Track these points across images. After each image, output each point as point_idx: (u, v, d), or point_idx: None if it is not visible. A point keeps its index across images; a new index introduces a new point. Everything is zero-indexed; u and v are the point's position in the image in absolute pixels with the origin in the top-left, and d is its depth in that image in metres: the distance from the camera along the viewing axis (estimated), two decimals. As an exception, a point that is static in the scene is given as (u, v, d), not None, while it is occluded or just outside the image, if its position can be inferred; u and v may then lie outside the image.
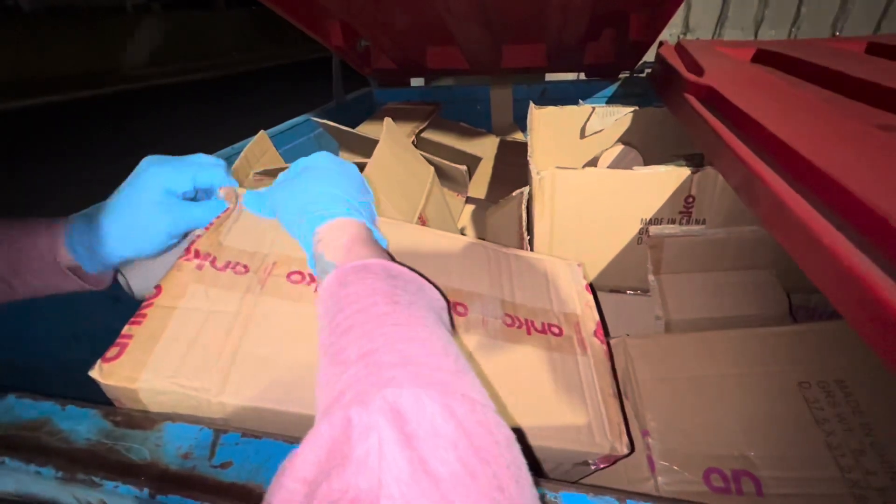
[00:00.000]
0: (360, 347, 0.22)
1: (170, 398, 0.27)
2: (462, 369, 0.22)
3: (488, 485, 0.17)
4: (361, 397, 0.19)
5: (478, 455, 0.17)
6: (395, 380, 0.20)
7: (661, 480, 0.35)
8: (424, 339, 0.23)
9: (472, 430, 0.18)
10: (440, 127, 0.97)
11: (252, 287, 0.33)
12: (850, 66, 0.52)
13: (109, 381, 0.26)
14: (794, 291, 0.54)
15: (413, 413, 0.18)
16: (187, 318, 0.30)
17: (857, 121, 0.39)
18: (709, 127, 0.46)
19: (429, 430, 0.18)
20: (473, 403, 0.19)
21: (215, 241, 0.36)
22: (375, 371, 0.20)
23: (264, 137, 0.71)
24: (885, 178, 0.29)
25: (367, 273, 0.27)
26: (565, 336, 0.37)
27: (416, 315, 0.25)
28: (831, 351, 0.37)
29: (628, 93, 1.06)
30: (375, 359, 0.21)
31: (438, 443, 0.17)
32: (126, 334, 0.28)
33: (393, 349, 0.22)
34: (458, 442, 0.18)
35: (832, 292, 0.28)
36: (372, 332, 0.23)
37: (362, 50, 1.02)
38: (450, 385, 0.20)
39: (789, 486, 0.32)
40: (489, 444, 0.18)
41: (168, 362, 0.27)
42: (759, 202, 0.35)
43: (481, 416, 0.19)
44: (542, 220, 0.53)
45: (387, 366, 0.20)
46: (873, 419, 0.33)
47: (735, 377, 0.39)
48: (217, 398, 0.27)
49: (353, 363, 0.21)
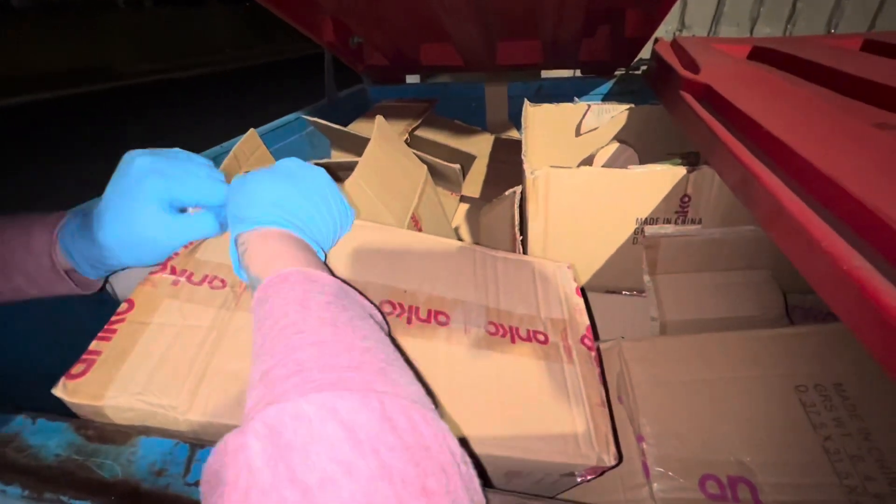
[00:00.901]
0: (262, 366, 0.22)
1: (137, 415, 0.26)
2: (380, 366, 0.22)
3: (372, 477, 0.16)
4: (247, 418, 0.19)
5: (359, 448, 0.17)
6: (285, 394, 0.19)
7: (657, 487, 0.34)
8: (327, 340, 0.22)
9: (357, 425, 0.18)
10: (434, 125, 0.96)
11: (227, 303, 0.32)
12: (847, 64, 0.52)
13: (74, 399, 0.25)
14: (789, 291, 0.53)
15: (290, 424, 0.18)
16: (159, 333, 0.29)
17: (854, 119, 0.38)
18: (705, 125, 0.45)
19: (303, 438, 0.17)
20: (366, 395, 0.19)
21: (190, 257, 0.35)
22: (270, 388, 0.20)
23: (254, 136, 0.69)
24: (884, 179, 0.29)
25: (284, 284, 0.26)
26: (551, 343, 0.36)
27: (326, 317, 0.24)
28: (829, 354, 0.36)
29: (624, 90, 1.06)
30: (272, 375, 0.21)
31: (310, 448, 0.17)
32: (94, 350, 0.27)
33: (288, 360, 0.21)
34: (336, 441, 0.17)
35: (829, 294, 0.27)
36: (274, 347, 0.22)
37: (355, 46, 1.01)
38: (342, 382, 0.20)
39: (786, 492, 0.31)
40: (381, 432, 0.18)
41: (136, 379, 0.26)
42: (756, 202, 0.35)
43: (375, 405, 0.18)
44: (537, 220, 0.52)
45: (280, 380, 0.20)
46: (871, 424, 0.32)
47: (731, 381, 0.38)
48: (184, 415, 0.26)
49: (256, 385, 0.21)
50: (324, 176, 0.37)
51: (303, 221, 0.33)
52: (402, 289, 0.36)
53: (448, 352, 0.33)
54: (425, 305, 0.35)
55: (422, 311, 0.35)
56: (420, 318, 0.34)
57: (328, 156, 0.86)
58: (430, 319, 0.34)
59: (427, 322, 0.34)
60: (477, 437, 0.29)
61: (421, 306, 0.35)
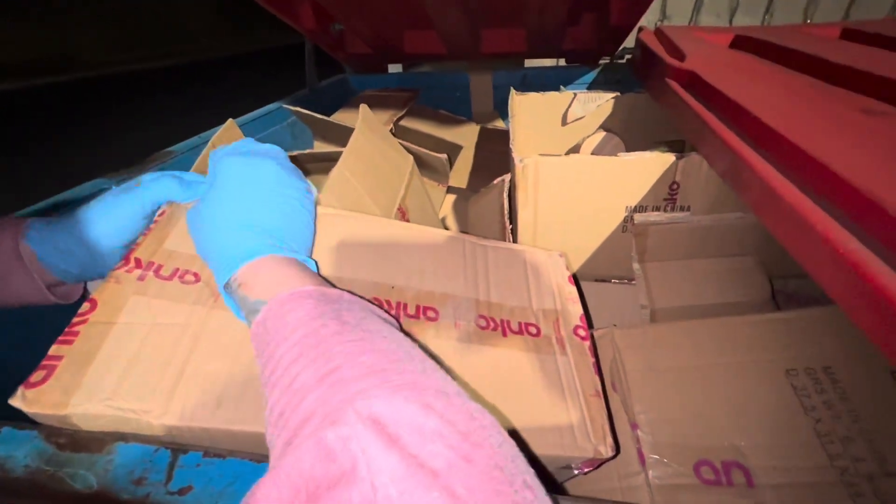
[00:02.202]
0: (318, 370, 0.20)
1: (108, 423, 0.24)
2: (430, 368, 0.21)
3: (486, 465, 0.16)
4: (331, 417, 0.17)
5: (468, 440, 0.17)
6: (364, 392, 0.18)
7: (652, 474, 0.34)
8: (384, 349, 0.22)
9: (455, 419, 0.18)
10: (419, 115, 0.94)
11: (203, 299, 0.30)
12: (828, 52, 0.52)
13: (34, 409, 0.23)
14: (773, 276, 0.54)
15: (391, 417, 0.17)
16: (127, 333, 0.27)
17: (840, 105, 0.38)
18: (693, 112, 0.45)
19: (411, 429, 0.17)
20: (448, 396, 0.19)
21: (158, 247, 0.32)
22: (341, 388, 0.19)
23: (233, 126, 0.66)
24: (876, 163, 0.29)
25: (307, 298, 0.25)
26: (543, 336, 0.36)
27: (370, 329, 0.23)
28: (818, 338, 0.37)
29: (608, 79, 1.05)
30: (338, 376, 0.19)
31: (425, 438, 0.17)
32: (54, 355, 0.25)
33: (355, 364, 0.20)
34: (444, 432, 0.17)
35: (825, 279, 0.27)
36: (328, 351, 0.21)
37: (336, 34, 0.98)
38: (421, 384, 0.19)
39: (779, 475, 0.32)
40: (475, 428, 0.18)
41: (104, 383, 0.25)
42: (748, 189, 0.34)
43: (459, 406, 0.19)
44: (526, 208, 0.52)
45: (352, 380, 0.19)
46: (860, 406, 0.33)
47: (723, 366, 0.38)
48: (159, 420, 0.24)
49: (312, 388, 0.20)
50: (272, 168, 0.33)
51: (280, 233, 0.30)
52: (389, 285, 0.35)
53: (438, 348, 0.32)
54: (413, 301, 0.34)
55: (410, 307, 0.34)
56: (408, 314, 0.33)
57: (311, 146, 0.84)
58: (419, 315, 0.33)
59: (416, 318, 0.33)
60: None
61: (409, 302, 0.34)
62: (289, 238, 0.31)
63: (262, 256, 0.28)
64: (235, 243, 0.29)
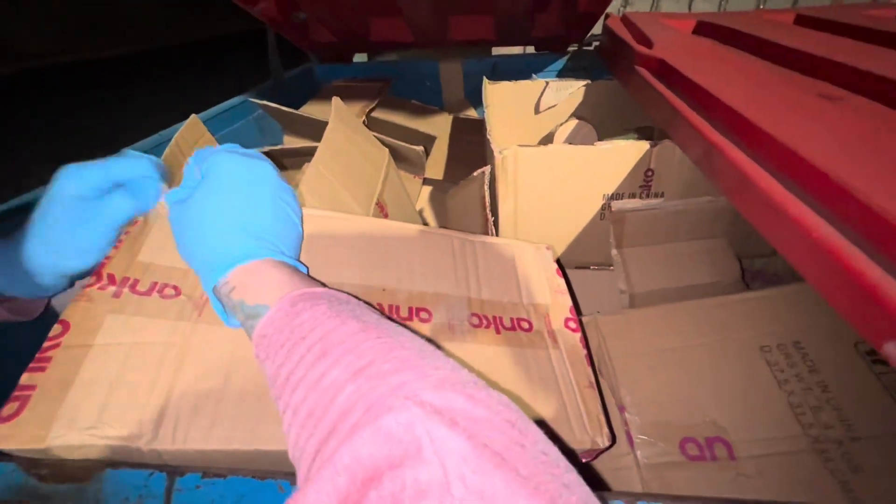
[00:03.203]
0: (349, 366, 0.20)
1: (91, 453, 0.23)
2: (456, 366, 0.22)
3: (535, 450, 0.17)
4: (380, 407, 0.17)
5: (515, 428, 0.18)
6: (407, 384, 0.18)
7: (640, 454, 0.36)
8: (410, 346, 0.22)
9: (498, 409, 0.18)
10: (390, 105, 0.92)
11: (185, 314, 0.29)
12: (785, 38, 0.54)
13: (10, 445, 0.21)
14: (741, 256, 0.57)
15: (443, 405, 0.18)
16: (105, 356, 0.25)
17: (799, 91, 0.40)
18: (664, 100, 0.46)
19: (465, 417, 0.17)
20: (486, 389, 0.20)
21: (132, 261, 0.30)
22: (381, 381, 0.19)
23: (197, 122, 0.63)
24: (838, 148, 0.30)
25: (320, 299, 0.24)
26: (535, 331, 0.36)
27: (390, 328, 0.23)
28: (787, 314, 0.39)
29: (576, 66, 1.06)
30: (374, 370, 0.19)
31: (480, 425, 0.17)
32: (26, 385, 0.23)
33: (388, 357, 0.20)
34: (494, 420, 0.18)
35: (798, 260, 0.28)
36: (357, 347, 0.21)
37: (299, 22, 0.94)
38: (456, 378, 0.20)
39: (758, 447, 0.34)
40: (516, 419, 0.19)
41: (84, 411, 0.23)
42: (721, 175, 0.36)
43: (496, 400, 0.19)
44: (507, 200, 0.52)
45: (391, 373, 0.19)
46: (828, 376, 0.35)
47: (702, 347, 0.40)
48: (150, 446, 0.23)
49: (346, 383, 0.19)
50: (264, 169, 0.32)
51: (275, 240, 0.29)
52: (380, 287, 0.34)
53: None
54: (406, 303, 0.34)
55: (402, 309, 0.33)
56: (401, 317, 0.33)
57: (280, 141, 0.81)
58: (412, 317, 0.33)
59: (409, 320, 0.33)
60: None
61: (401, 304, 0.34)
62: (283, 243, 0.30)
63: (258, 260, 0.27)
64: (229, 245, 0.27)
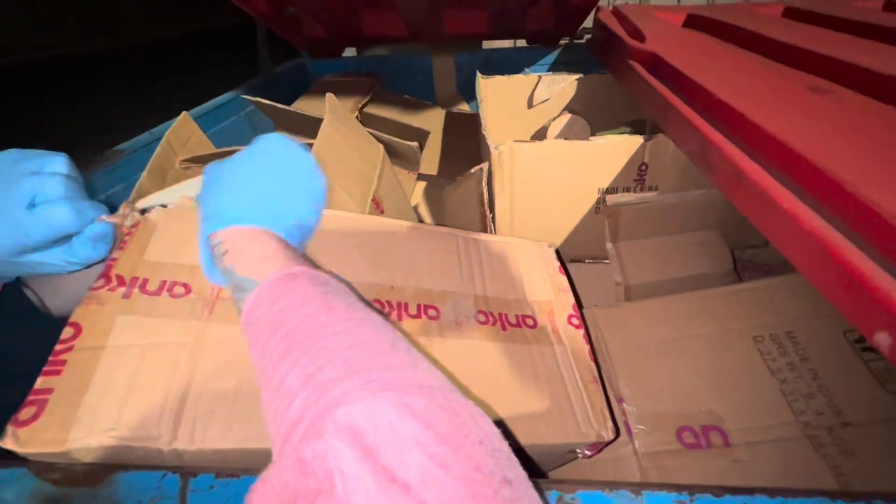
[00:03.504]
0: (302, 370, 0.20)
1: (111, 454, 0.23)
2: (413, 360, 0.21)
3: (463, 468, 0.16)
4: (314, 427, 0.18)
5: (445, 443, 0.17)
6: (347, 395, 0.18)
7: (639, 443, 0.37)
8: (368, 340, 0.22)
9: (433, 420, 0.18)
10: (383, 100, 0.92)
11: (197, 312, 0.29)
12: (774, 31, 0.55)
13: (29, 449, 0.22)
14: (732, 247, 0.58)
15: (368, 425, 0.17)
16: (119, 357, 0.26)
17: (790, 84, 0.41)
18: (658, 94, 0.46)
19: (388, 437, 0.17)
20: (430, 392, 0.19)
21: (138, 260, 0.30)
22: (322, 392, 0.19)
23: (187, 119, 0.62)
24: (828, 140, 0.31)
25: (295, 282, 0.24)
26: (540, 327, 0.37)
27: (356, 317, 0.23)
28: (780, 305, 0.40)
29: (568, 60, 1.06)
30: (320, 379, 0.19)
31: (400, 447, 0.17)
32: (42, 389, 0.23)
33: (336, 362, 0.20)
34: (421, 437, 0.17)
35: (790, 251, 0.29)
36: (311, 348, 0.21)
37: (290, 17, 0.93)
38: (402, 380, 0.19)
39: (753, 434, 0.35)
40: (455, 427, 0.18)
41: (103, 413, 0.23)
42: (715, 169, 0.36)
43: (440, 401, 0.19)
44: (503, 195, 0.52)
45: (333, 382, 0.19)
46: (819, 365, 0.36)
47: (697, 338, 0.41)
48: (170, 446, 0.23)
49: (298, 390, 0.19)
50: (308, 162, 0.33)
51: (288, 222, 0.30)
52: (388, 285, 0.35)
53: (442, 346, 0.32)
54: (414, 300, 0.34)
55: (411, 306, 0.34)
56: (410, 314, 0.33)
57: (272, 138, 0.80)
58: (421, 314, 0.34)
59: (417, 317, 0.33)
60: None
61: (410, 302, 0.34)
62: (292, 224, 0.30)
63: (255, 227, 0.28)
64: (236, 204, 0.28)
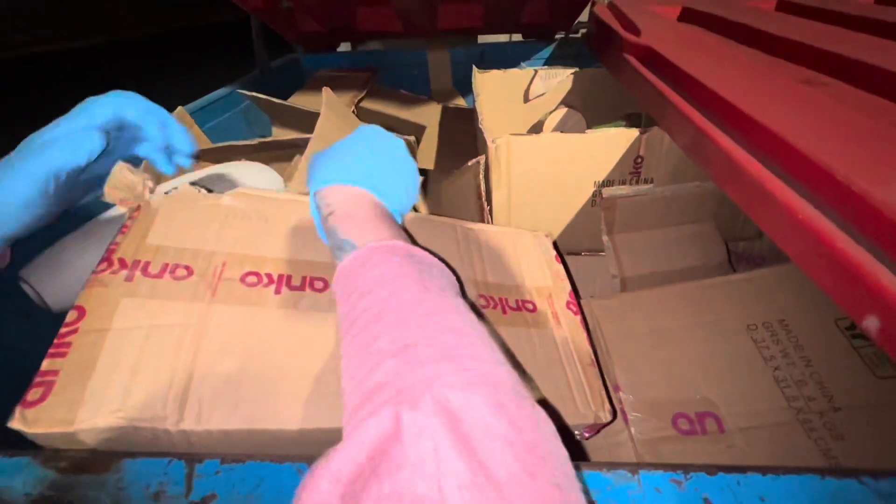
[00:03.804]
0: (396, 339, 0.20)
1: (118, 436, 0.23)
2: (501, 360, 0.21)
3: (546, 482, 0.16)
4: (409, 396, 0.18)
5: (533, 453, 0.17)
6: (441, 377, 0.18)
7: (635, 430, 0.37)
8: (460, 328, 0.22)
9: (523, 427, 0.18)
10: (379, 95, 0.91)
11: (200, 294, 0.29)
12: (769, 25, 0.55)
13: (38, 429, 0.22)
14: (726, 239, 0.59)
15: (465, 412, 0.17)
16: (124, 339, 0.26)
17: (783, 77, 0.41)
18: (653, 88, 0.47)
19: (483, 431, 0.17)
20: (520, 398, 0.19)
21: (141, 243, 0.31)
22: (417, 366, 0.19)
23: (184, 115, 0.62)
24: (821, 133, 0.31)
25: (393, 255, 0.25)
26: (540, 311, 0.37)
27: (449, 303, 0.23)
28: (772, 294, 0.41)
29: (564, 54, 1.07)
30: (415, 353, 0.20)
31: (495, 444, 0.17)
32: (48, 370, 0.24)
33: (432, 341, 0.20)
34: (513, 440, 0.17)
35: (784, 241, 0.30)
36: (407, 321, 0.21)
37: (285, 11, 0.92)
38: (495, 378, 0.19)
39: (746, 419, 0.35)
40: (540, 439, 0.18)
41: (110, 395, 0.23)
42: (710, 162, 0.37)
43: (529, 411, 0.19)
44: (500, 188, 0.53)
45: (429, 361, 0.19)
46: (811, 352, 0.37)
47: (691, 327, 0.41)
48: (177, 427, 0.23)
49: (389, 356, 0.20)
50: (404, 149, 0.35)
51: (391, 194, 0.32)
52: None
53: None
54: None
55: None
56: None
57: (268, 133, 0.80)
58: None
59: None
60: None
61: None
62: (393, 195, 0.32)
63: (362, 189, 0.30)
64: (345, 168, 0.30)
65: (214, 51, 3.72)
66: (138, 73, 3.54)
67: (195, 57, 3.96)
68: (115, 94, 0.34)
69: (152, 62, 3.92)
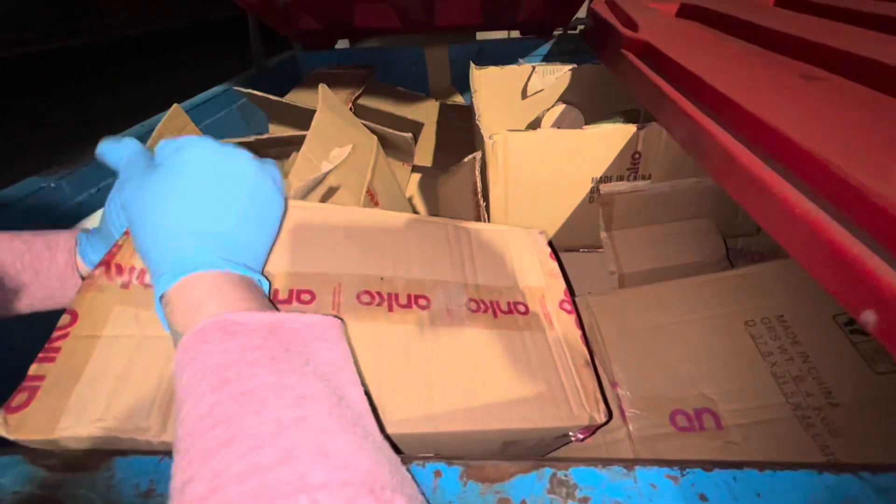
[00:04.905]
0: (182, 474, 0.18)
1: (100, 445, 0.23)
2: (298, 443, 0.18)
3: None
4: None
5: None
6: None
7: (633, 427, 0.37)
8: (248, 426, 0.18)
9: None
10: (377, 92, 0.91)
11: None
12: (767, 20, 0.55)
13: (18, 435, 0.22)
14: (724, 235, 0.58)
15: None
16: (114, 347, 0.26)
17: (782, 72, 0.41)
18: (651, 83, 0.47)
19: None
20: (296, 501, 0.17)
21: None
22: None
23: (179, 112, 0.62)
24: (819, 127, 0.31)
25: (200, 346, 0.21)
26: (532, 313, 0.37)
27: (250, 384, 0.20)
28: (770, 290, 0.40)
29: (562, 50, 1.06)
30: (189, 493, 0.17)
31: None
32: (35, 375, 0.23)
33: (205, 472, 0.17)
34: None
35: (783, 237, 0.29)
36: (192, 447, 0.18)
37: (282, 8, 0.92)
38: (267, 488, 0.17)
39: (744, 416, 0.35)
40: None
41: (93, 403, 0.23)
42: (708, 157, 0.36)
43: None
44: (497, 185, 0.52)
45: (197, 501, 0.17)
46: (808, 347, 0.37)
47: (689, 323, 0.41)
48: (159, 437, 0.23)
49: (174, 500, 0.17)
50: (244, 166, 0.28)
51: (231, 245, 0.26)
52: (378, 276, 0.34)
53: (434, 334, 0.32)
54: (404, 291, 0.34)
55: (401, 297, 0.34)
56: (400, 304, 0.33)
57: (265, 130, 0.80)
58: (411, 304, 0.34)
59: (408, 307, 0.33)
60: (471, 413, 0.29)
61: (400, 292, 0.34)
62: (245, 250, 0.27)
63: (201, 272, 0.24)
64: (181, 251, 0.25)
65: (211, 48, 3.71)
66: (135, 71, 3.53)
67: (192, 54, 3.95)
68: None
69: (150, 60, 3.90)
